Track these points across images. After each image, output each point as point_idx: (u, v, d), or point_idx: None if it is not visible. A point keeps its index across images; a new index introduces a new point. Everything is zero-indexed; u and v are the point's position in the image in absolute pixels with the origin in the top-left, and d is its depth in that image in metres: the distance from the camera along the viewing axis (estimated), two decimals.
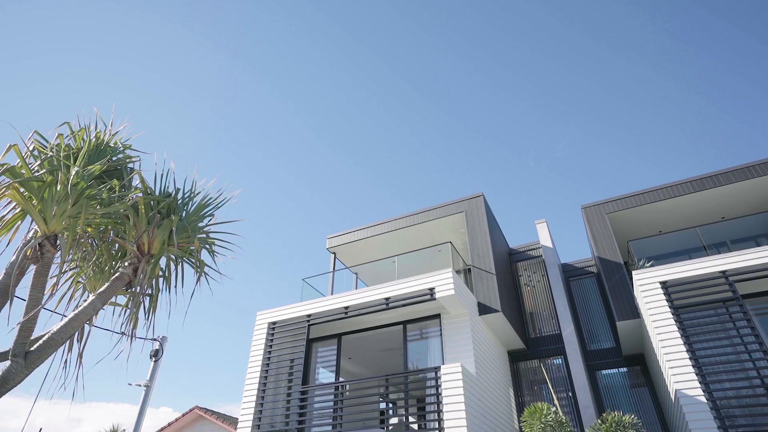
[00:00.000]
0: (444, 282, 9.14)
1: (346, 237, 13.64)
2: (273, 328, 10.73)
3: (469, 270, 11.55)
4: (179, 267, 6.33)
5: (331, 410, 9.07)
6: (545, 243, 13.07)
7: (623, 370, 12.75)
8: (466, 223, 11.90)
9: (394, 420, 10.14)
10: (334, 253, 13.80)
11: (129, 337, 6.20)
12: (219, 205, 6.25)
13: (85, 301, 5.26)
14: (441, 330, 9.84)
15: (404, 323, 10.10)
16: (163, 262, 6.40)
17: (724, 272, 8.55)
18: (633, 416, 5.92)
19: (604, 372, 12.64)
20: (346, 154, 37.85)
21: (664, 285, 8.91)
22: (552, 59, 26.66)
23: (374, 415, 9.03)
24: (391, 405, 10.77)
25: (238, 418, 10.04)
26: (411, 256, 12.06)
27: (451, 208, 12.39)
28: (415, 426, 9.79)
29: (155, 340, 10.04)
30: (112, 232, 6.02)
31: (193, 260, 6.09)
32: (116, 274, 5.45)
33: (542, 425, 5.68)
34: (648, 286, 9.04)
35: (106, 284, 5.32)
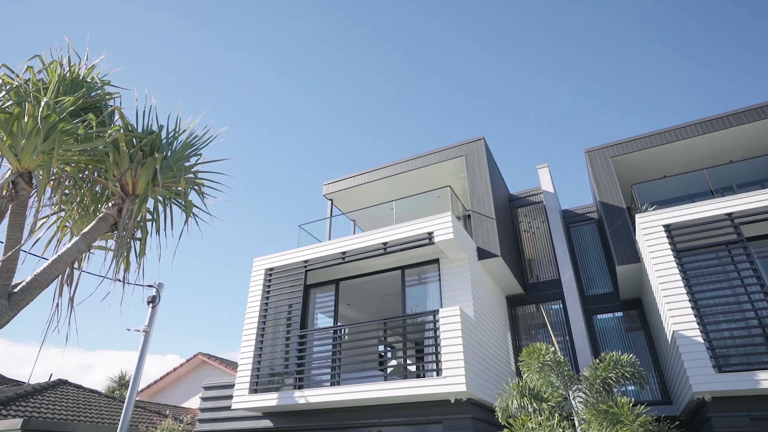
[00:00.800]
0: (443, 226, 8.96)
1: (344, 183, 13.35)
2: (270, 275, 10.66)
3: (469, 216, 11.36)
4: (167, 209, 6.09)
5: (330, 353, 9.14)
6: (546, 188, 12.82)
7: (618, 314, 12.88)
8: (466, 167, 11.59)
9: (392, 363, 10.29)
10: (331, 200, 13.57)
11: (122, 283, 6.07)
12: (206, 143, 5.91)
13: (78, 252, 5.06)
14: (440, 275, 9.77)
15: (402, 268, 10.01)
16: (151, 205, 6.17)
17: (729, 215, 8.35)
18: (631, 355, 5.89)
19: (600, 316, 12.77)
20: (344, 103, 36.84)
21: (668, 228, 8.74)
22: (552, 4, 25.27)
23: (373, 357, 9.12)
24: (389, 349, 10.89)
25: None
26: (409, 201, 11.82)
27: (452, 151, 12.02)
28: (413, 368, 9.95)
29: (151, 286, 9.98)
30: (94, 172, 5.74)
31: (181, 201, 5.83)
32: (100, 215, 5.21)
33: (540, 365, 5.65)
34: (651, 229, 8.87)
35: (90, 225, 5.09)
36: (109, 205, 5.29)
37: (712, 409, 7.60)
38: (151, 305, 9.89)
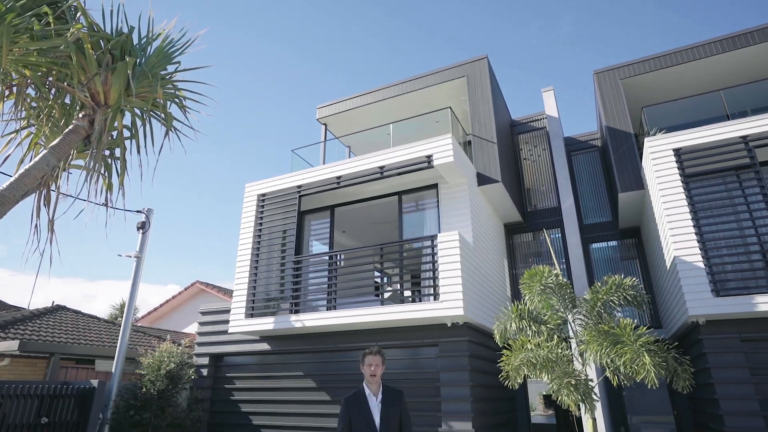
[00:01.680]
0: (443, 148, 8.53)
1: (338, 106, 12.69)
2: (263, 200, 10.34)
3: (469, 143, 10.90)
4: (146, 123, 5.61)
5: (326, 279, 9.06)
6: (551, 113, 12.24)
7: (613, 243, 12.85)
8: (467, 89, 10.93)
9: (388, 291, 10.28)
10: (325, 125, 12.96)
11: (106, 206, 5.72)
12: (183, 48, 5.31)
13: (48, 166, 4.63)
14: (438, 201, 9.49)
15: (399, 194, 9.71)
16: (129, 122, 5.68)
17: (744, 137, 7.96)
18: (633, 278, 5.76)
19: (595, 245, 12.74)
20: (340, 15, 34.68)
21: (677, 152, 8.36)
22: None
23: (369, 282, 9.06)
24: (385, 277, 10.84)
25: None
26: (407, 126, 11.28)
27: (452, 72, 11.30)
28: (409, 295, 9.95)
29: (140, 212, 9.68)
30: (59, 79, 5.19)
31: (160, 114, 5.34)
32: (70, 127, 4.74)
33: (542, 287, 5.51)
34: (659, 153, 8.50)
35: (59, 137, 4.64)
36: (80, 116, 4.80)
37: (704, 332, 7.70)
38: (141, 231, 9.65)
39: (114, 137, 5.58)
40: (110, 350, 10.10)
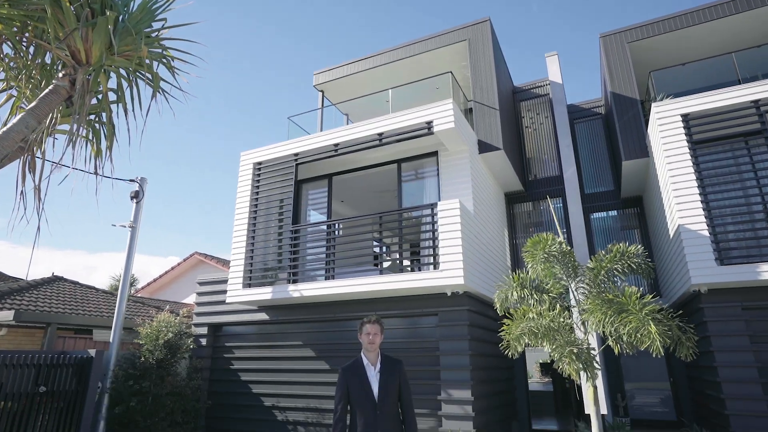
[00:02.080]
0: (443, 114, 8.25)
1: (336, 72, 12.29)
2: (259, 169, 10.10)
3: (470, 110, 10.59)
4: (133, 85, 5.33)
5: (324, 248, 8.93)
6: (554, 78, 11.88)
7: (613, 213, 12.72)
8: (468, 53, 10.54)
9: (387, 262, 10.16)
10: (322, 91, 12.59)
11: (95, 174, 5.50)
12: (168, 4, 4.98)
13: (27, 128, 4.39)
14: (438, 169, 9.27)
15: (399, 162, 9.48)
16: (115, 84, 5.40)
17: (756, 102, 7.70)
18: (639, 246, 5.62)
19: (595, 215, 12.62)
20: None
21: (685, 118, 8.11)
22: None
23: (367, 252, 8.94)
24: (384, 248, 10.70)
25: None
26: (407, 94, 10.92)
27: (453, 35, 10.87)
28: (408, 266, 9.83)
29: (133, 180, 9.45)
30: (36, 36, 4.88)
31: (146, 74, 5.06)
32: (50, 87, 4.47)
33: (545, 255, 5.37)
34: (667, 119, 8.24)
35: (38, 98, 4.38)
36: (60, 75, 4.52)
37: (705, 300, 7.65)
38: (134, 200, 9.45)
39: (99, 100, 5.33)
40: (108, 320, 10.06)
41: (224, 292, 9.83)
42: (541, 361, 22.38)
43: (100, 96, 5.27)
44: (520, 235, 12.33)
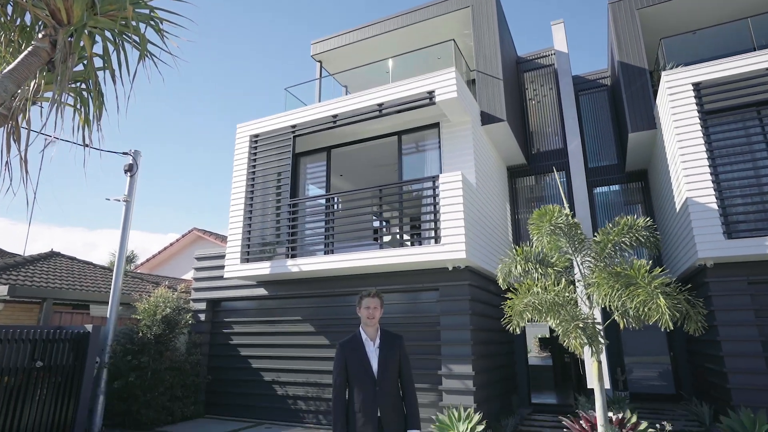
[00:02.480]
0: (446, 83, 7.96)
1: (334, 41, 11.88)
2: (256, 141, 9.84)
3: (472, 81, 10.26)
4: (120, 49, 5.05)
5: (323, 223, 8.75)
6: (560, 47, 11.47)
7: (616, 188, 12.53)
8: (471, 21, 10.14)
9: (387, 237, 10.00)
10: (320, 62, 12.21)
11: (83, 146, 5.27)
12: None
13: (6, 92, 4.14)
14: (439, 141, 9.01)
15: (399, 134, 9.21)
16: (101, 49, 5.11)
17: None
18: (647, 219, 5.44)
19: (598, 190, 12.43)
20: None
21: (697, 87, 7.82)
22: None
23: (367, 226, 8.77)
24: (384, 223, 10.52)
25: None
26: (407, 64, 10.56)
27: (455, 2, 10.44)
28: (408, 243, 9.67)
29: (126, 153, 9.21)
30: None
31: (132, 35, 4.77)
32: (29, 48, 4.21)
33: (552, 227, 5.20)
34: (677, 88, 7.95)
35: (17, 60, 4.12)
36: (40, 36, 4.24)
37: (711, 275, 7.53)
38: (128, 174, 9.24)
39: (85, 66, 5.06)
40: (105, 296, 9.96)
41: (222, 267, 9.70)
42: (539, 336, 22.54)
43: (85, 62, 5.00)
44: (521, 210, 12.15)
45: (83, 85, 5.34)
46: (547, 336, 22.20)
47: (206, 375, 9.71)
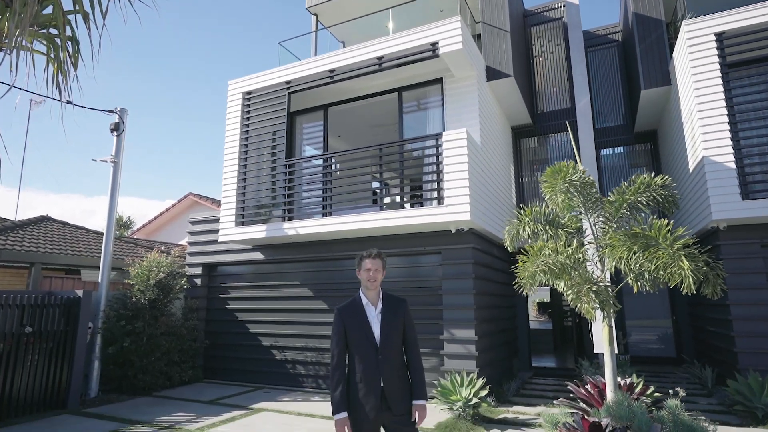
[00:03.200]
0: (450, 34, 7.42)
1: None
2: (248, 99, 9.34)
3: (478, 36, 9.65)
4: None
5: (321, 184, 8.38)
6: None
7: (620, 150, 12.13)
8: None
9: (387, 200, 9.64)
10: (316, 14, 11.51)
11: (59, 100, 4.84)
12: None
13: None
14: (443, 98, 8.53)
15: (400, 90, 8.72)
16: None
17: None
18: (666, 177, 5.08)
19: (604, 151, 12.03)
20: None
21: (720, 37, 7.31)
22: None
23: (366, 187, 8.41)
24: (384, 185, 10.12)
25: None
26: (410, 16, 9.93)
27: None
28: (408, 206, 9.32)
29: (112, 111, 8.73)
30: None
31: None
32: None
33: (566, 185, 4.84)
34: (698, 39, 7.44)
35: None
36: None
37: (723, 237, 7.27)
38: (115, 133, 8.78)
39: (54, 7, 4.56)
40: (97, 260, 9.69)
41: (217, 231, 9.39)
42: (537, 301, 22.61)
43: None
44: (525, 173, 11.77)
45: (55, 31, 4.86)
46: (545, 300, 22.32)
47: (204, 340, 9.57)
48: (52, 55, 5.05)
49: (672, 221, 4.60)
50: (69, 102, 5.95)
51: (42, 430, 5.95)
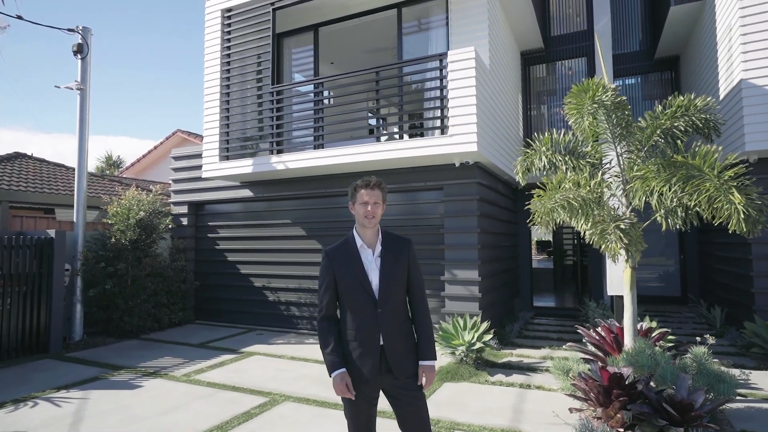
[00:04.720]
0: None
1: None
2: (229, 17, 8.28)
3: None
4: None
5: (312, 113, 7.58)
6: None
7: (631, 81, 11.19)
8: None
9: (384, 135, 8.85)
10: None
11: (8, 15, 4.02)
12: None
13: None
14: (447, 16, 7.53)
15: (399, 6, 7.68)
16: None
17: None
18: (709, 97, 4.37)
19: (617, 81, 11.09)
20: None
21: None
22: None
23: (362, 116, 7.62)
24: (381, 121, 9.27)
25: None
26: None
27: None
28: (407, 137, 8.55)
29: (72, 30, 7.71)
30: None
31: None
32: None
33: (596, 106, 4.13)
34: None
35: None
36: None
37: (752, 171, 6.63)
38: (79, 56, 7.82)
39: None
40: (71, 198, 9.02)
41: (201, 167, 8.69)
42: (536, 239, 22.35)
43: None
44: (533, 105, 10.90)
45: None
46: (544, 239, 22.07)
47: (193, 281, 9.15)
48: None
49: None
50: (19, 17, 5.03)
51: (17, 376, 5.60)
